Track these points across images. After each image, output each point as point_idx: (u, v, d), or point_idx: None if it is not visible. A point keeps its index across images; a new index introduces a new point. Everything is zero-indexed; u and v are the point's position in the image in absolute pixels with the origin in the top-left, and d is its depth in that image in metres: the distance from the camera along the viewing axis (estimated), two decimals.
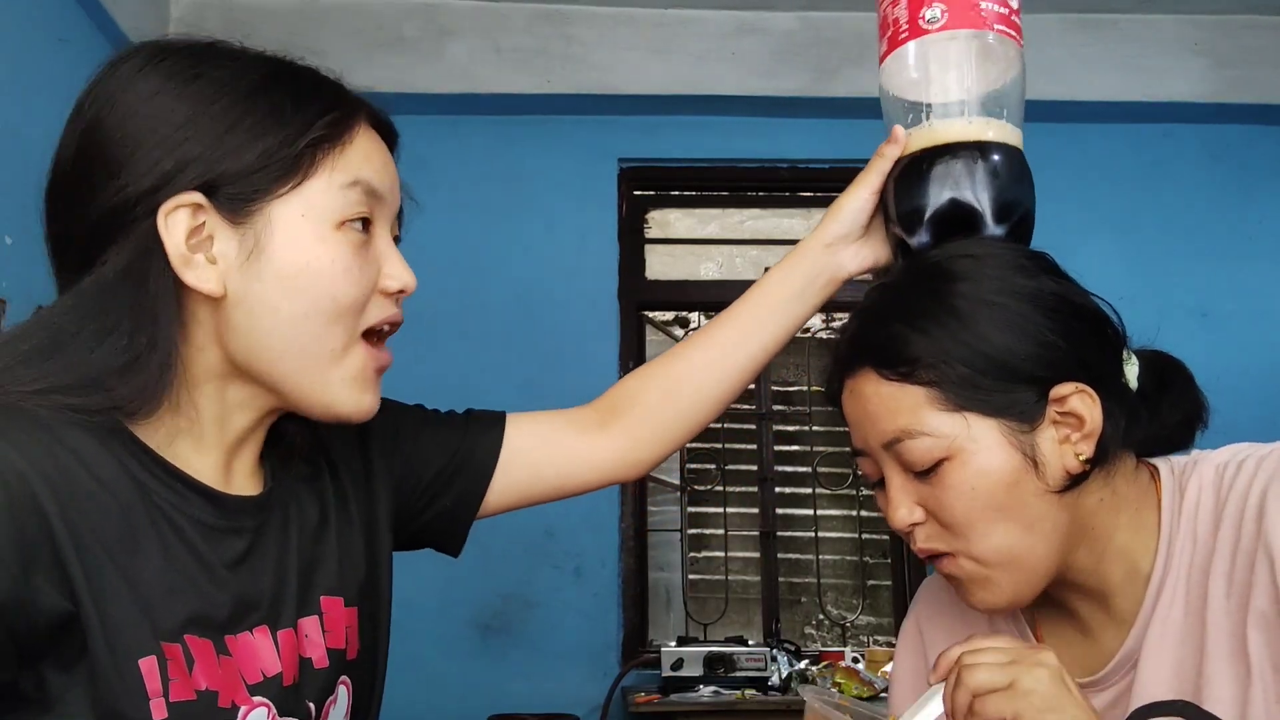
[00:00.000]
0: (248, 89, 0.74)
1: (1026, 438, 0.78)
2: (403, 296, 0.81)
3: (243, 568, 0.76)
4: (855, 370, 0.83)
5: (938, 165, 0.89)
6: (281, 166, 0.73)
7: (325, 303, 0.75)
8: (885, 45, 0.95)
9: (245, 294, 0.74)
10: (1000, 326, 0.78)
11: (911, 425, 0.78)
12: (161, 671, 0.68)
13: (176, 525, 0.72)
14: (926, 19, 0.90)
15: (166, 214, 0.71)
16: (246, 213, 0.73)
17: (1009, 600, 0.80)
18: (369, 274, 0.77)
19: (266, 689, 0.74)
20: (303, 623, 0.79)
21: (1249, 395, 3.08)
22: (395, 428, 0.95)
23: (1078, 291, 0.83)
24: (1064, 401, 0.78)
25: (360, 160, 0.77)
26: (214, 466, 0.77)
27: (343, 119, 0.77)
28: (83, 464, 0.68)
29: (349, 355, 0.77)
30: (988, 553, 0.79)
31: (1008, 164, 0.89)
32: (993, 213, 0.87)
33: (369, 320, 0.78)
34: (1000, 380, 0.78)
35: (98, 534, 0.67)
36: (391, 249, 0.80)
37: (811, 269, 0.98)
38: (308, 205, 0.74)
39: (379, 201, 0.78)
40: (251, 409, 0.79)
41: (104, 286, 0.71)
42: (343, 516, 0.87)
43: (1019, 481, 0.77)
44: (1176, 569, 0.80)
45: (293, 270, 0.74)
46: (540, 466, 0.98)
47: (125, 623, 0.67)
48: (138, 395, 0.71)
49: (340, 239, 0.75)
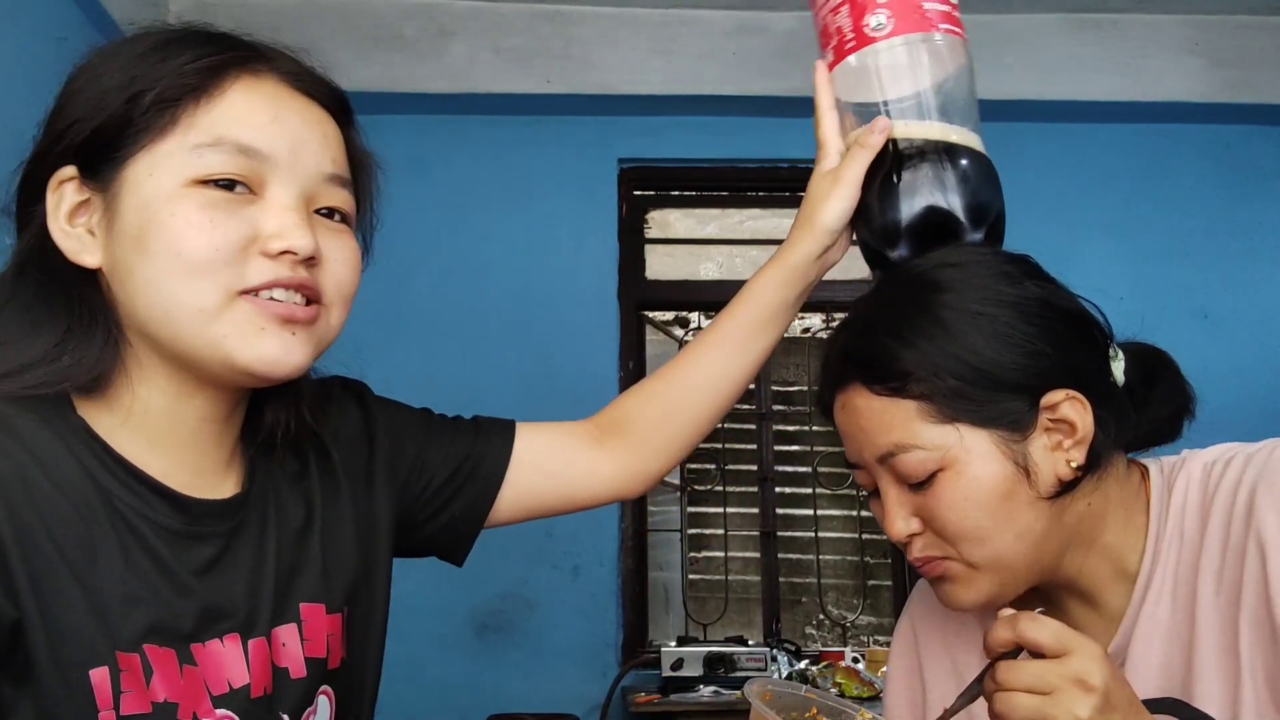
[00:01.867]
0: (137, 51, 0.72)
1: (1019, 447, 0.78)
2: (293, 261, 0.72)
3: (211, 575, 0.73)
4: (845, 385, 0.83)
5: (905, 175, 0.87)
6: (140, 123, 0.70)
7: (172, 260, 0.68)
8: (832, 55, 0.92)
9: (114, 262, 0.71)
10: (988, 337, 0.78)
11: (904, 439, 0.79)
12: (114, 682, 0.66)
13: (138, 531, 0.70)
14: (872, 26, 0.88)
15: (53, 189, 0.71)
16: (106, 176, 0.71)
17: (987, 600, 0.81)
18: (229, 230, 0.69)
19: (232, 700, 0.72)
20: (278, 631, 0.76)
21: (1249, 395, 3.08)
22: (402, 431, 0.93)
23: (1062, 295, 0.83)
24: (1055, 409, 0.78)
25: (230, 118, 0.71)
26: (180, 466, 0.74)
27: (210, 70, 0.71)
28: (40, 465, 0.66)
29: (227, 311, 0.70)
30: (980, 559, 0.79)
31: (976, 166, 0.88)
32: (969, 218, 0.86)
33: (250, 280, 0.70)
34: (990, 390, 0.78)
35: (52, 539, 0.65)
36: (286, 211, 0.72)
37: (804, 279, 0.97)
38: (154, 164, 0.70)
39: (263, 162, 0.71)
40: (197, 396, 0.74)
41: (27, 262, 0.71)
42: (332, 518, 0.84)
43: (1012, 490, 0.78)
44: (1164, 567, 0.80)
45: (136, 230, 0.69)
46: (548, 478, 0.97)
47: (76, 632, 0.65)
48: (86, 363, 0.70)
49: (189, 194, 0.69)
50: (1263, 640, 0.73)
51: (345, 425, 0.90)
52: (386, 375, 1.03)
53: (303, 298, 0.73)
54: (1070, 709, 0.64)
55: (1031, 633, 0.67)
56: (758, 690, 0.80)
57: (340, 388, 0.93)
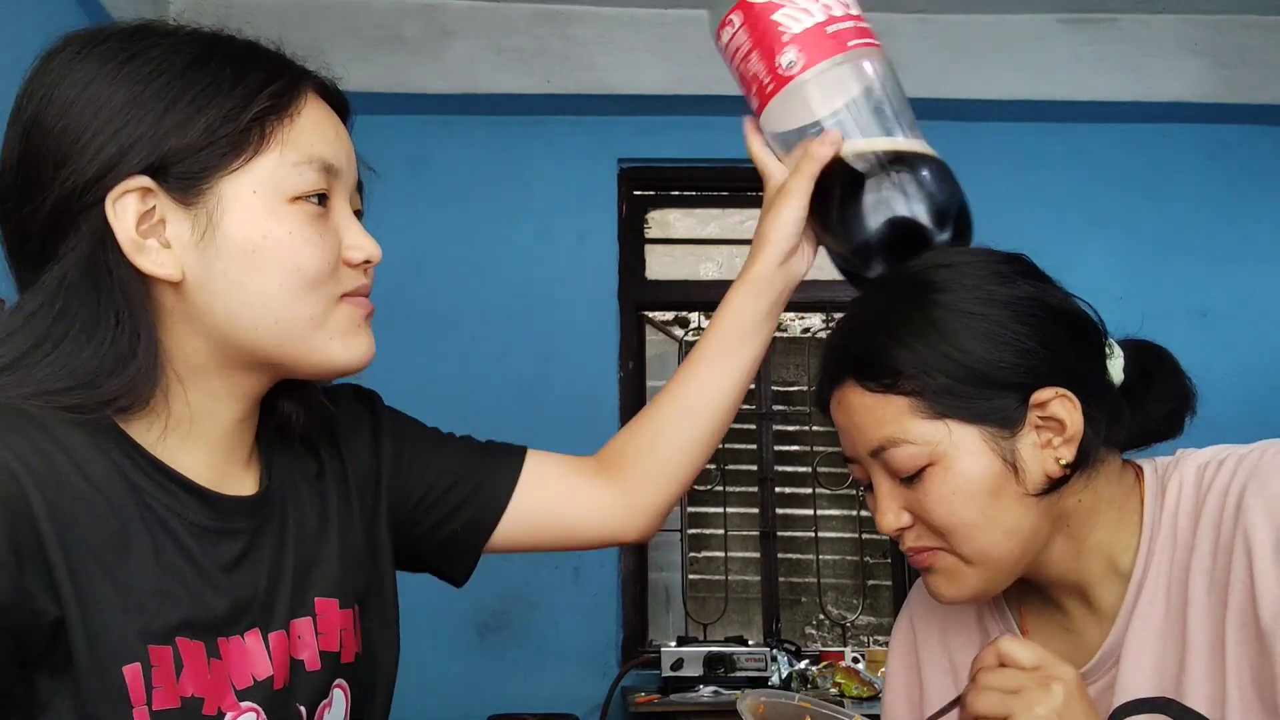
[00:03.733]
0: (184, 64, 0.72)
1: (1007, 443, 0.80)
2: (369, 267, 0.80)
3: (239, 570, 0.75)
4: (840, 382, 0.85)
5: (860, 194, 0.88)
6: (229, 142, 0.72)
7: (291, 275, 0.73)
8: (756, 102, 0.94)
9: (206, 275, 0.72)
10: (979, 336, 0.80)
11: (895, 434, 0.81)
12: (146, 678, 0.67)
13: (170, 527, 0.71)
14: (784, 66, 0.89)
15: (114, 201, 0.70)
16: (197, 192, 0.71)
17: (973, 594, 0.83)
18: (330, 244, 0.76)
19: (257, 693, 0.73)
20: (295, 624, 0.78)
21: (1248, 395, 3.08)
22: (408, 444, 0.94)
23: (1055, 293, 0.84)
24: (1045, 407, 0.80)
25: (311, 134, 0.75)
26: (208, 465, 0.76)
27: (287, 89, 0.75)
28: (74, 463, 0.67)
29: (331, 316, 0.76)
30: (969, 552, 0.81)
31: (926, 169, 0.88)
32: (931, 221, 0.87)
33: (344, 287, 0.77)
34: (980, 388, 0.79)
35: (86, 536, 0.66)
36: (352, 221, 0.79)
37: (771, 290, 0.97)
38: (258, 182, 0.73)
39: (335, 176, 0.77)
40: (242, 398, 0.77)
41: (68, 283, 0.69)
42: (346, 516, 0.86)
43: (1000, 486, 0.79)
44: (1157, 566, 0.81)
45: (250, 246, 0.72)
46: (552, 507, 0.97)
47: (110, 628, 0.66)
48: (129, 389, 0.70)
49: (295, 210, 0.74)
50: (1248, 640, 0.75)
51: (356, 431, 0.91)
52: (387, 375, 1.04)
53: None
54: (1029, 704, 0.70)
55: (1013, 650, 0.74)
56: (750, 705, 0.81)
57: (353, 395, 0.94)
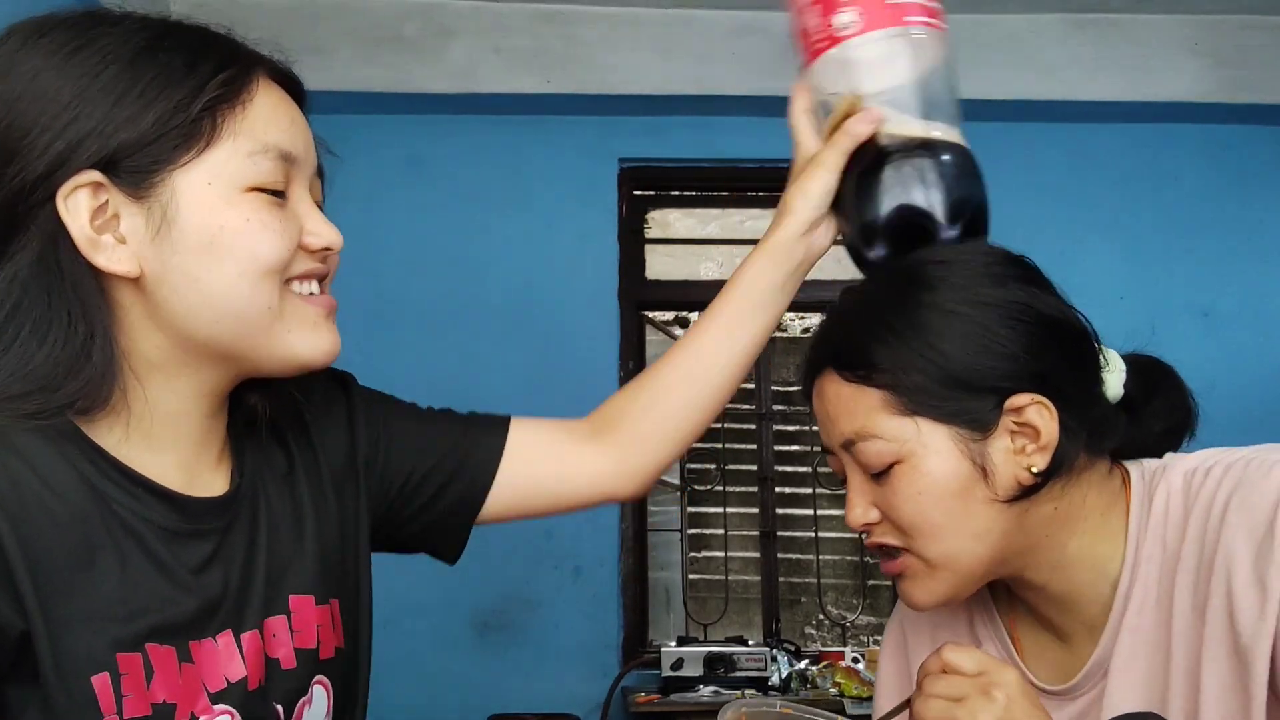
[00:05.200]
0: (133, 54, 0.70)
1: (978, 445, 0.78)
2: (328, 255, 0.78)
3: (208, 571, 0.74)
4: (820, 370, 0.85)
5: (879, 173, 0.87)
6: (180, 134, 0.70)
7: (249, 263, 0.71)
8: (805, 55, 0.92)
9: (163, 269, 0.70)
10: (959, 337, 0.78)
11: (865, 427, 0.80)
12: (115, 687, 0.66)
13: (136, 533, 0.70)
14: (839, 26, 0.87)
15: (65, 197, 0.68)
16: (149, 186, 0.69)
17: (942, 599, 0.82)
18: (290, 230, 0.74)
19: (231, 695, 0.72)
20: (269, 623, 0.77)
21: (1248, 395, 3.08)
22: (384, 419, 0.92)
23: (1049, 301, 0.81)
24: (1020, 413, 0.78)
25: (265, 122, 0.73)
26: (174, 465, 0.74)
27: (238, 76, 0.73)
28: (36, 474, 0.66)
29: (286, 308, 0.74)
30: (934, 555, 0.80)
31: (952, 161, 0.87)
32: (943, 214, 0.85)
33: (291, 272, 0.75)
34: (954, 389, 0.78)
35: (50, 550, 0.65)
36: (312, 208, 0.77)
37: (789, 259, 0.95)
38: (213, 173, 0.71)
39: (292, 164, 0.75)
40: (207, 394, 0.76)
41: (19, 281, 0.68)
42: (319, 510, 0.84)
43: (968, 489, 0.78)
44: (1145, 576, 0.80)
45: (206, 237, 0.70)
46: (541, 474, 0.95)
47: (77, 640, 0.65)
48: (87, 389, 0.68)
49: (251, 198, 0.72)
50: (1225, 657, 0.73)
51: (330, 414, 0.89)
52: (387, 374, 1.03)
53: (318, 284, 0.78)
54: (973, 712, 0.71)
55: (955, 657, 0.74)
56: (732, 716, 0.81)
57: (326, 377, 0.92)
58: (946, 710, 0.72)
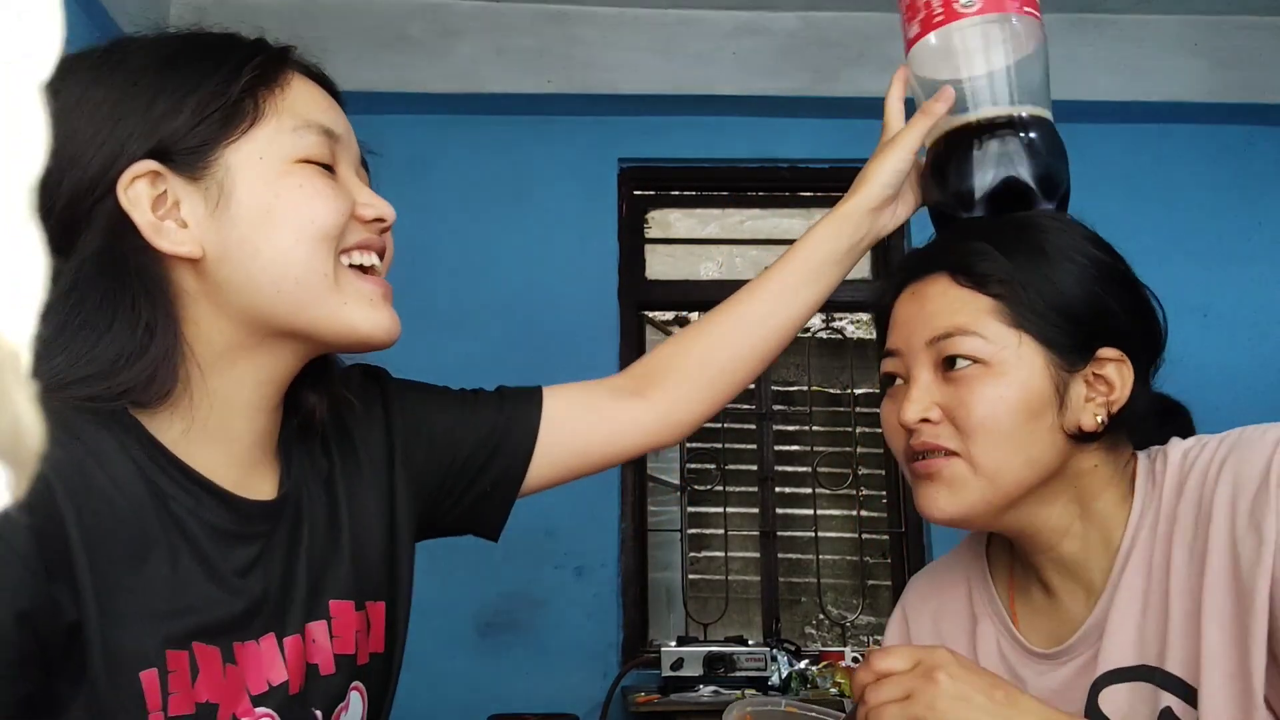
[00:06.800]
0: (163, 61, 0.73)
1: (1064, 375, 0.83)
2: (383, 227, 0.81)
3: (252, 573, 0.75)
4: (926, 274, 0.88)
5: (987, 146, 0.93)
6: (222, 115, 0.73)
7: (306, 226, 0.74)
8: (918, 28, 0.97)
9: (224, 246, 0.72)
10: (1075, 278, 0.84)
11: (969, 324, 0.84)
12: (162, 683, 0.66)
13: (189, 532, 0.71)
14: (962, 3, 0.93)
15: (125, 189, 0.70)
16: (203, 165, 0.72)
17: (965, 512, 0.84)
18: (343, 198, 0.76)
19: (272, 698, 0.73)
20: (310, 628, 0.78)
21: (1248, 395, 3.09)
22: (420, 409, 0.93)
23: (1143, 286, 0.89)
24: (1104, 365, 0.83)
25: (304, 103, 0.77)
26: (230, 464, 0.75)
27: (270, 61, 0.76)
28: (100, 464, 0.67)
29: (342, 279, 0.76)
30: (987, 462, 0.82)
31: (1053, 141, 0.95)
32: (1042, 189, 0.93)
33: (346, 242, 0.78)
34: (1062, 319, 0.83)
35: (108, 543, 0.66)
36: (361, 184, 0.80)
37: (855, 233, 0.99)
38: (263, 148, 0.74)
39: (337, 142, 0.78)
40: (267, 382, 0.77)
41: (85, 272, 0.69)
42: (360, 514, 0.85)
43: (1041, 411, 0.82)
44: (1143, 542, 0.83)
45: (264, 206, 0.73)
46: (582, 437, 0.96)
47: (127, 635, 0.66)
48: (149, 380, 0.70)
49: (302, 168, 0.75)
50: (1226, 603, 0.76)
51: (369, 413, 0.90)
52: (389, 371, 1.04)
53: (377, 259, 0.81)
54: (928, 702, 0.73)
55: (884, 662, 0.76)
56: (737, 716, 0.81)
57: (362, 375, 0.93)
58: (901, 711, 0.73)
